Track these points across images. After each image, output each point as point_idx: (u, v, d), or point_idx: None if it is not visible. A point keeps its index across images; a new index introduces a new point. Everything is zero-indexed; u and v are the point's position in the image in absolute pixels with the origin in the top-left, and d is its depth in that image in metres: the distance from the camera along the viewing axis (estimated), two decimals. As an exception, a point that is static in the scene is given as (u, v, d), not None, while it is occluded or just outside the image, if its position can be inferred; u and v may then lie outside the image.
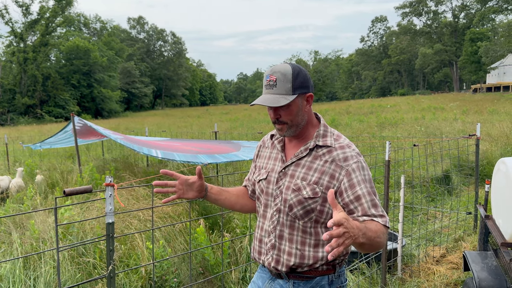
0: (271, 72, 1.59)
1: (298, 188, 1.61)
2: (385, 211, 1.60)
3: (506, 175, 2.93)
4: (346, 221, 1.28)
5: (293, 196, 1.62)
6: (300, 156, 1.66)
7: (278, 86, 1.57)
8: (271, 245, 1.70)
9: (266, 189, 1.73)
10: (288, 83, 1.56)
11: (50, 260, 3.78)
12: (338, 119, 23.31)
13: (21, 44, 52.71)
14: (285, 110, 1.60)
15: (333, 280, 1.68)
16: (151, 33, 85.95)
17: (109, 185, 1.95)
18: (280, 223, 1.67)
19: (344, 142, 1.65)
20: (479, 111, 23.33)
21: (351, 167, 1.57)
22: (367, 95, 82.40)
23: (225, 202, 1.88)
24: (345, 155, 1.60)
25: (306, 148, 1.66)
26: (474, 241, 4.92)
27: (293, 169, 1.66)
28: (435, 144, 9.66)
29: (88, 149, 13.93)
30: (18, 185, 7.30)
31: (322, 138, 1.66)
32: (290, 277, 1.68)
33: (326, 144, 1.64)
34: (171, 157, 5.91)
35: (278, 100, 1.56)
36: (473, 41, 56.77)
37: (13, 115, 47.61)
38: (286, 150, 1.74)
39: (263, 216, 1.76)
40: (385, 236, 1.54)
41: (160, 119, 37.77)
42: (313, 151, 1.65)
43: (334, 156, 1.60)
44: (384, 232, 1.52)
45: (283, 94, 1.57)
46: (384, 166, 3.73)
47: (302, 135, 1.70)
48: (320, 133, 1.68)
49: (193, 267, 3.95)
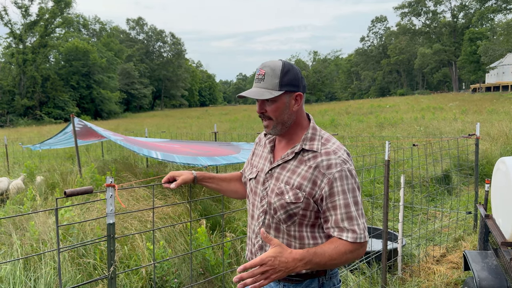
0: (261, 66, 1.60)
1: (281, 192, 1.60)
2: (361, 224, 1.54)
3: (505, 175, 2.93)
4: (271, 259, 1.38)
5: (276, 200, 1.61)
6: (286, 159, 1.63)
7: (266, 80, 1.57)
8: (259, 246, 1.69)
9: (255, 189, 1.73)
10: (276, 78, 1.56)
11: (50, 261, 3.78)
12: (338, 119, 23.33)
13: (20, 45, 52.69)
14: (271, 106, 1.59)
15: (323, 282, 1.65)
16: (150, 34, 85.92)
17: (110, 186, 1.95)
18: (266, 224, 1.66)
19: (331, 148, 1.59)
20: (479, 111, 23.35)
21: (333, 176, 1.53)
22: (366, 95, 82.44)
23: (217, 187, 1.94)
24: (329, 162, 1.55)
25: (293, 151, 1.63)
26: (474, 241, 4.92)
27: (278, 171, 1.64)
28: (434, 144, 9.67)
29: (88, 150, 13.93)
30: (18, 187, 7.30)
31: (309, 141, 1.62)
32: (280, 280, 1.66)
33: (312, 148, 1.60)
34: (170, 159, 5.91)
35: (263, 93, 1.56)
36: (472, 41, 56.78)
37: (13, 116, 47.60)
38: (275, 151, 1.73)
39: (251, 216, 1.75)
40: (350, 254, 1.51)
41: (159, 120, 37.76)
42: (299, 155, 1.61)
43: (318, 163, 1.56)
44: (347, 250, 1.50)
45: (269, 88, 1.56)
46: (384, 166, 3.73)
47: (290, 136, 1.68)
48: (308, 136, 1.63)
49: (194, 267, 3.95)
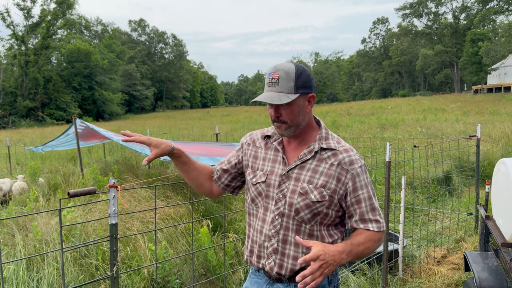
0: (274, 69, 1.55)
1: (305, 191, 1.59)
2: (381, 214, 1.65)
3: (506, 176, 2.94)
4: (322, 253, 1.40)
5: (300, 200, 1.59)
6: (304, 159, 1.62)
7: (281, 84, 1.54)
8: (273, 250, 1.65)
9: (266, 192, 1.68)
10: (291, 81, 1.53)
11: (53, 261, 3.81)
12: (339, 120, 23.34)
13: (22, 47, 52.81)
14: (286, 109, 1.57)
15: (331, 279, 1.70)
16: (152, 36, 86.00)
17: (112, 187, 1.97)
18: (283, 227, 1.63)
19: (347, 146, 1.66)
20: (480, 112, 23.33)
21: (356, 171, 1.60)
22: (368, 97, 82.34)
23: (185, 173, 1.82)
24: (350, 159, 1.60)
25: (310, 150, 1.63)
26: (475, 242, 4.93)
27: (297, 172, 1.63)
28: (435, 145, 9.67)
29: (90, 151, 13.96)
30: (21, 188, 7.33)
31: (325, 140, 1.64)
32: (291, 280, 1.66)
33: (330, 147, 1.63)
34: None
35: (280, 98, 1.52)
36: (474, 42, 56.67)
37: (15, 118, 47.73)
38: (286, 153, 1.70)
39: (262, 220, 1.70)
40: (377, 243, 1.60)
41: (161, 121, 37.81)
42: (318, 154, 1.63)
43: (340, 159, 1.60)
44: (375, 239, 1.59)
45: (285, 92, 1.53)
46: (385, 167, 3.75)
47: (301, 137, 1.68)
48: (323, 135, 1.66)
49: (195, 268, 3.96)
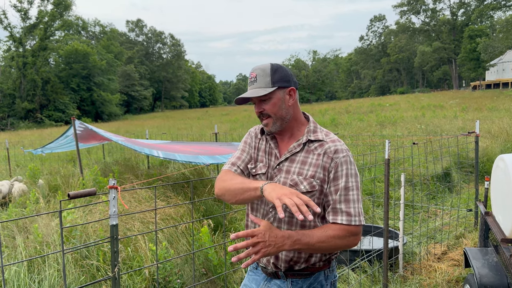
0: (252, 70, 1.70)
1: (295, 183, 1.63)
2: (359, 208, 1.59)
3: (504, 172, 2.95)
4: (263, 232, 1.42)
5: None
6: (293, 151, 1.68)
7: (258, 80, 1.66)
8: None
9: None
10: (267, 77, 1.65)
11: (54, 263, 3.81)
12: (338, 118, 23.33)
13: (20, 48, 52.76)
14: (268, 103, 1.66)
15: (328, 275, 1.72)
16: (150, 36, 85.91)
17: (112, 188, 1.97)
18: (276, 219, 1.67)
19: (334, 137, 1.71)
20: (479, 108, 23.36)
21: (340, 160, 1.62)
22: (366, 94, 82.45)
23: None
24: (336, 148, 1.64)
25: (299, 143, 1.69)
26: (475, 238, 4.94)
27: (287, 164, 1.68)
28: (434, 142, 9.68)
29: (89, 152, 13.95)
30: (21, 189, 7.33)
31: (313, 133, 1.71)
32: (288, 276, 1.68)
33: (318, 138, 1.68)
34: (172, 157, 5.95)
35: (258, 92, 1.64)
36: (472, 38, 56.75)
37: (13, 119, 47.71)
38: (278, 147, 1.77)
39: (257, 211, 1.75)
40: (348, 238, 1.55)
41: (160, 122, 37.79)
42: (306, 146, 1.68)
43: (326, 149, 1.65)
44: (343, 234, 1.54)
45: (263, 87, 1.65)
46: (384, 164, 3.76)
47: (291, 131, 1.74)
48: (311, 129, 1.72)
49: (196, 268, 3.97)
